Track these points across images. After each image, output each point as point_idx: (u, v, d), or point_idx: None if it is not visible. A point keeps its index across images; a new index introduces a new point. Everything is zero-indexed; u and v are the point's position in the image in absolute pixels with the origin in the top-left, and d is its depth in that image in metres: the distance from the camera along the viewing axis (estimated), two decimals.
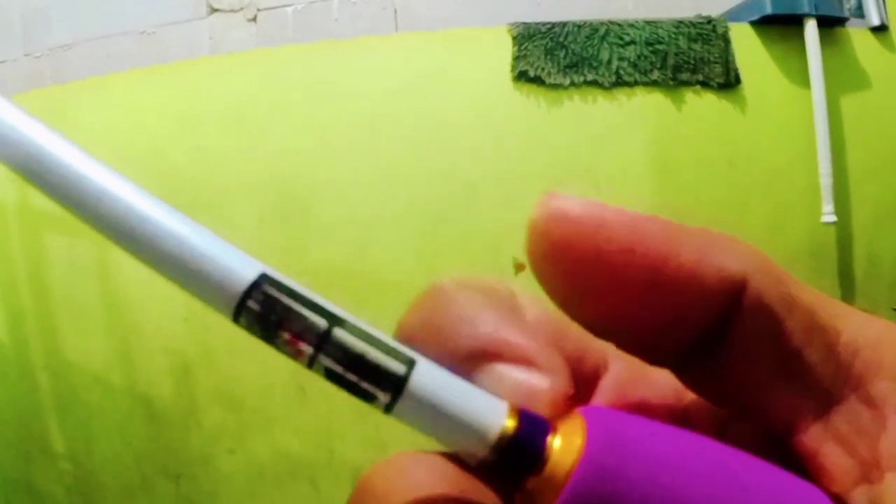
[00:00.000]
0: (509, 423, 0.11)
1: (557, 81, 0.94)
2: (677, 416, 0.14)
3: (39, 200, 1.08)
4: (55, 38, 1.08)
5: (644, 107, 0.95)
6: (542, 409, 0.11)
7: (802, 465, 0.12)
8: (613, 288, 0.12)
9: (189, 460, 0.99)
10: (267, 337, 0.11)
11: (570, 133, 0.95)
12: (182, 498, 0.99)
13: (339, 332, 0.11)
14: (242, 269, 0.11)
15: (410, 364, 0.11)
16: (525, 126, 0.95)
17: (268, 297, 0.10)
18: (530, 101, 0.95)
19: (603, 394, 0.14)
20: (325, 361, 0.10)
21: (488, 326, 0.12)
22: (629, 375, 0.14)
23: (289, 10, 1.02)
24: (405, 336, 0.12)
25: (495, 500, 0.11)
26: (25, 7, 1.11)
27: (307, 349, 0.10)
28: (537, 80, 0.94)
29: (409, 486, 0.11)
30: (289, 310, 0.11)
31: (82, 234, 1.01)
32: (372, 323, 0.11)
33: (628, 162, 0.95)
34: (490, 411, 0.11)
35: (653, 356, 0.13)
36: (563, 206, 0.11)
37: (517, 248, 0.80)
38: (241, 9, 1.03)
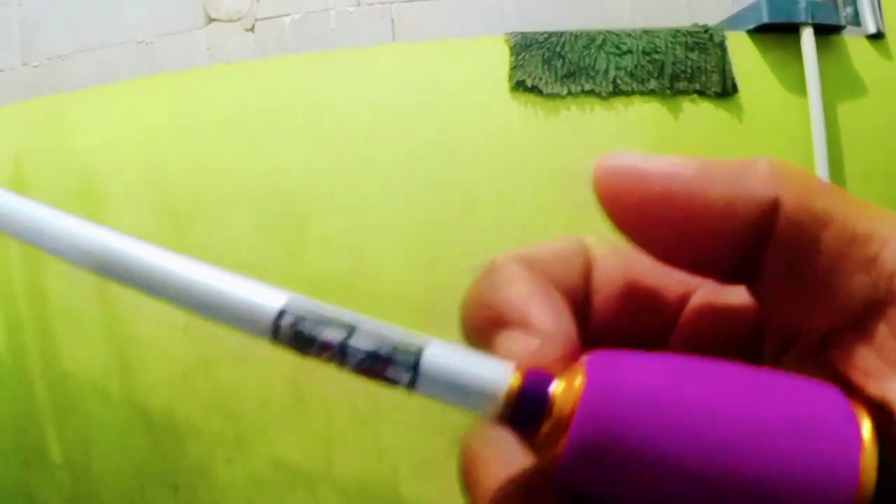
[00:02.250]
0: (514, 381, 0.12)
1: (555, 91, 0.94)
2: (748, 335, 0.15)
3: None
4: (53, 47, 1.08)
5: (641, 116, 0.95)
6: (541, 364, 0.13)
7: (842, 377, 0.12)
8: (657, 228, 0.13)
9: (187, 469, 0.99)
10: (301, 353, 0.13)
11: (568, 142, 0.95)
12: None
13: (354, 340, 0.12)
14: (270, 300, 0.13)
15: (419, 350, 0.12)
16: (522, 135, 0.95)
17: (295, 319, 0.13)
18: (528, 111, 0.95)
19: (685, 320, 0.15)
20: (351, 362, 0.12)
21: (504, 296, 0.14)
22: (707, 301, 0.15)
23: (286, 20, 1.02)
24: (462, 312, 0.15)
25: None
26: (24, 16, 1.11)
27: (334, 357, 0.12)
28: (535, 90, 0.94)
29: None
30: (312, 329, 0.13)
31: None
32: None
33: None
34: (496, 374, 0.12)
35: (709, 275, 0.14)
36: (610, 163, 0.13)
37: None
38: (239, 19, 1.03)
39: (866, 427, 0.11)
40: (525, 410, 0.12)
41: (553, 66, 0.94)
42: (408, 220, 0.94)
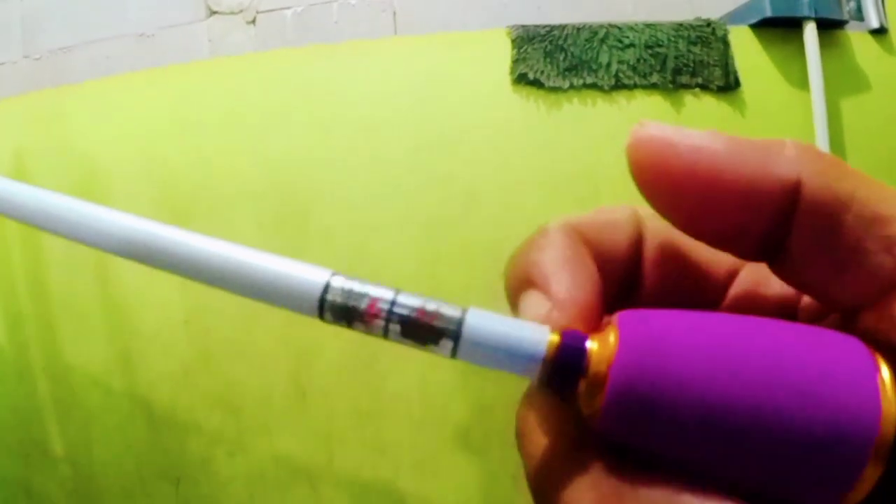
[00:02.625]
0: (553, 341, 0.13)
1: (557, 84, 0.94)
2: (788, 310, 0.15)
3: None
4: (54, 40, 1.08)
5: (644, 110, 0.95)
6: (571, 324, 0.13)
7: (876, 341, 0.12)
8: (683, 199, 0.14)
9: (188, 464, 0.99)
10: (348, 322, 0.13)
11: (570, 136, 0.95)
12: (181, 501, 0.99)
13: (401, 298, 0.13)
14: (314, 276, 0.14)
15: (461, 316, 0.13)
16: (524, 129, 0.95)
17: (341, 290, 0.13)
18: (529, 104, 0.95)
19: (732, 294, 0.16)
20: (395, 328, 0.13)
21: (534, 259, 0.15)
22: (752, 278, 0.16)
23: (288, 12, 1.02)
24: (504, 271, 0.15)
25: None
26: (25, 9, 1.10)
27: (380, 322, 0.13)
28: (536, 83, 0.94)
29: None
30: (361, 287, 0.13)
31: None
32: None
33: (627, 165, 0.95)
34: (535, 335, 0.13)
35: (738, 251, 0.14)
36: (643, 133, 0.14)
37: None
38: (241, 11, 1.03)
39: (887, 373, 0.11)
40: (564, 369, 0.12)
41: (555, 60, 0.94)
42: (409, 213, 0.94)
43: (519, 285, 0.14)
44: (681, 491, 0.11)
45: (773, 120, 0.99)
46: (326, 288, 0.13)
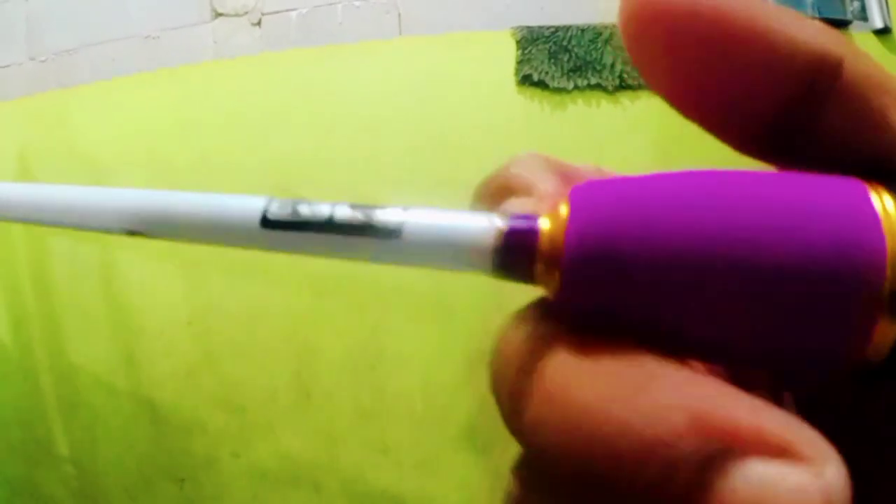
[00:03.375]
0: (500, 225, 0.11)
1: (561, 85, 0.94)
2: None
3: None
4: (60, 42, 1.08)
5: (647, 110, 0.95)
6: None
7: None
8: (691, 54, 0.12)
9: (192, 464, 0.99)
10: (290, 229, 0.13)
11: (574, 137, 0.95)
12: (185, 501, 0.99)
13: (339, 210, 0.12)
14: (252, 201, 0.13)
15: (402, 210, 0.12)
16: (528, 130, 0.95)
17: (280, 205, 0.13)
18: (534, 105, 0.95)
19: None
20: (337, 235, 0.12)
21: (513, 171, 0.14)
22: None
23: (293, 14, 1.02)
24: (474, 191, 0.15)
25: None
26: (30, 11, 1.11)
27: (320, 234, 0.12)
28: (541, 84, 0.94)
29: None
30: (298, 206, 0.12)
31: (84, 236, 1.01)
32: (377, 325, 0.13)
33: (632, 165, 0.94)
34: (481, 224, 0.12)
35: (738, 132, 0.13)
36: None
37: None
38: (246, 13, 1.04)
39: (891, 203, 0.10)
40: (515, 253, 0.11)
41: (559, 61, 0.94)
42: None
43: (495, 195, 0.13)
44: (643, 354, 0.10)
45: None
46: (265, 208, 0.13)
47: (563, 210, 0.11)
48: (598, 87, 0.94)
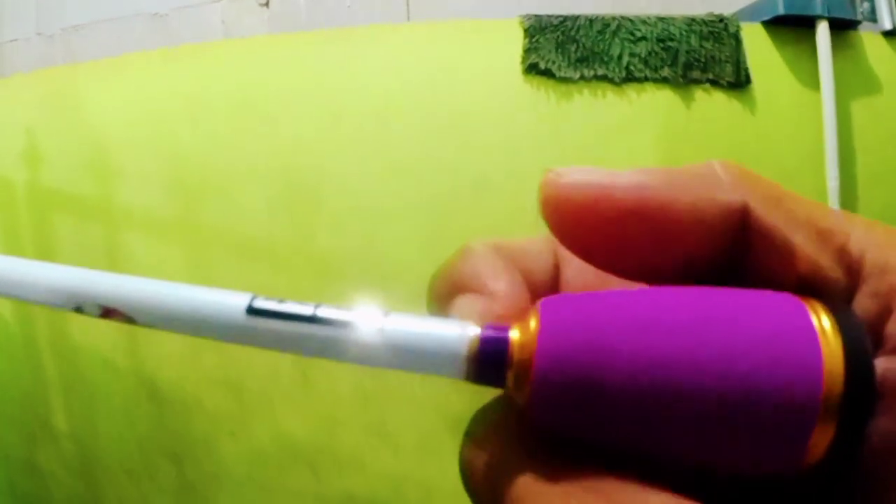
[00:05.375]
0: (474, 336, 0.12)
1: (567, 75, 0.94)
2: None
3: (48, 181, 1.08)
4: (68, 18, 1.08)
5: (654, 103, 0.95)
6: (496, 319, 0.13)
7: None
8: (628, 245, 0.13)
9: (191, 443, 0.99)
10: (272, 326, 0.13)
11: (579, 127, 0.95)
12: (184, 480, 1.00)
13: (320, 309, 0.13)
14: (235, 297, 0.13)
15: (383, 318, 0.12)
16: (534, 119, 0.95)
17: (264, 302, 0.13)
18: (540, 94, 0.95)
19: None
20: (316, 326, 0.12)
21: (466, 268, 0.14)
22: None
23: None
24: (428, 287, 0.15)
25: None
26: None
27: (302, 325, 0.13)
28: (547, 73, 0.94)
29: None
30: (279, 305, 0.13)
31: (91, 215, 1.01)
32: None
33: (636, 158, 0.95)
34: (455, 332, 0.12)
35: (671, 281, 0.14)
36: (567, 182, 0.13)
37: None
38: None
39: (828, 323, 0.11)
40: (489, 363, 0.12)
41: (566, 51, 0.94)
42: (419, 200, 0.94)
43: (449, 293, 0.14)
44: (603, 478, 0.11)
45: (783, 118, 0.99)
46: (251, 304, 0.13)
47: (533, 324, 0.12)
48: (604, 78, 0.94)
